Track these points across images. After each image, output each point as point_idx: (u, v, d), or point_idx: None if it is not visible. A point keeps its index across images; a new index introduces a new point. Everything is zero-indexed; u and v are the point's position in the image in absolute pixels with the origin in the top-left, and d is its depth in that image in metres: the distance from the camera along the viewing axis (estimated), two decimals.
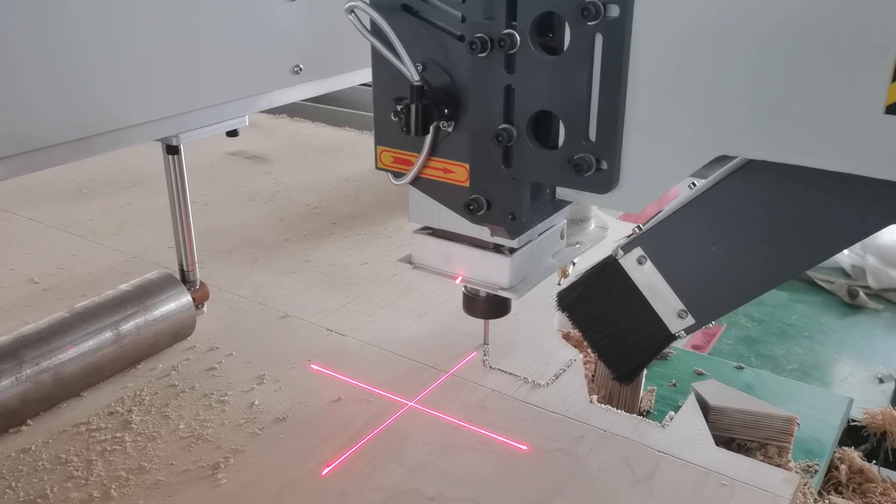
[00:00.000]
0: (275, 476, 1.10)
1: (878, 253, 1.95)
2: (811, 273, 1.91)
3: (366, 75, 1.50)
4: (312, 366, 1.37)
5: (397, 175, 1.03)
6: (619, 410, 1.24)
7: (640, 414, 1.28)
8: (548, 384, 1.30)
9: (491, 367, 1.35)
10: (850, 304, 1.84)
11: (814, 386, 1.45)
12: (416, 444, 1.16)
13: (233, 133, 1.34)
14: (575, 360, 1.36)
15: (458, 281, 1.11)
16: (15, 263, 1.75)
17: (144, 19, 1.12)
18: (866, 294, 1.85)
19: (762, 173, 0.86)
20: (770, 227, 0.88)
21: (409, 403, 1.26)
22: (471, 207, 0.96)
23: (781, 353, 2.71)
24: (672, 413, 1.24)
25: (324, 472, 1.11)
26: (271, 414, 1.23)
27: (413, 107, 0.92)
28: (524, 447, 1.16)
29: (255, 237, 1.89)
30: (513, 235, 0.99)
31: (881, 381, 1.94)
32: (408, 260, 1.14)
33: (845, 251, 1.96)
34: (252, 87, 1.32)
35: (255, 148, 2.54)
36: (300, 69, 1.38)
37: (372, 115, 2.97)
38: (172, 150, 1.29)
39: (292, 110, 2.89)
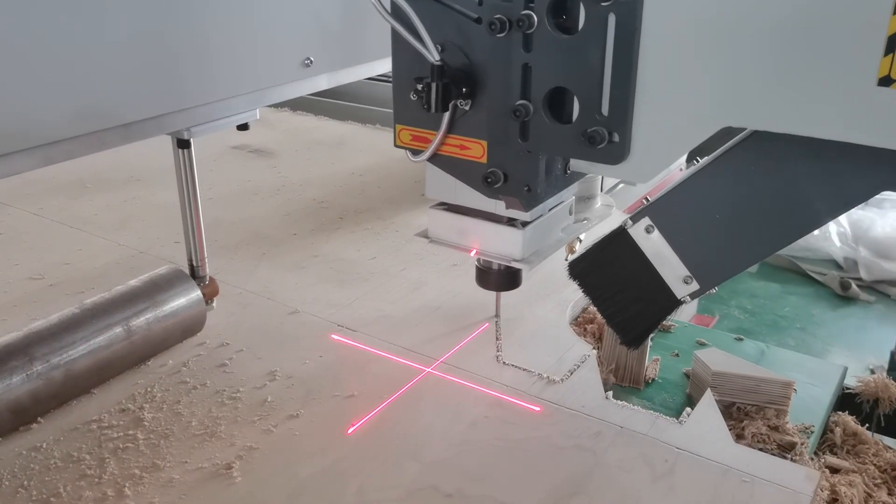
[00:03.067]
0: (290, 474, 1.09)
1: (870, 245, 1.96)
2: (804, 265, 1.93)
3: (378, 67, 1.49)
4: (333, 336, 1.41)
5: (415, 152, 1.07)
6: (636, 406, 1.23)
7: (646, 382, 1.36)
8: (562, 380, 1.29)
9: (504, 362, 1.34)
10: (842, 296, 1.86)
11: (810, 356, 1.50)
12: (434, 440, 1.15)
13: (243, 127, 1.33)
14: (589, 356, 1.35)
15: (472, 254, 1.15)
16: (19, 259, 1.73)
17: (155, 13, 1.10)
18: (858, 286, 1.86)
19: (764, 143, 0.90)
20: (771, 195, 0.93)
21: (427, 370, 1.31)
22: (489, 180, 1.01)
23: (774, 344, 2.70)
24: (689, 409, 1.23)
25: (349, 431, 1.17)
26: (284, 410, 1.22)
27: (434, 85, 0.96)
28: (537, 409, 1.22)
29: (262, 232, 1.87)
30: (528, 207, 1.04)
31: (872, 371, 1.95)
32: (424, 234, 1.18)
33: (837, 243, 1.97)
34: (263, 81, 1.30)
35: (258, 142, 2.52)
36: (311, 62, 1.36)
37: (375, 108, 2.95)
38: (183, 144, 1.27)
39: (295, 104, 2.87)
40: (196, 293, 1.37)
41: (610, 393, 1.26)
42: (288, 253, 1.76)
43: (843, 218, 2.04)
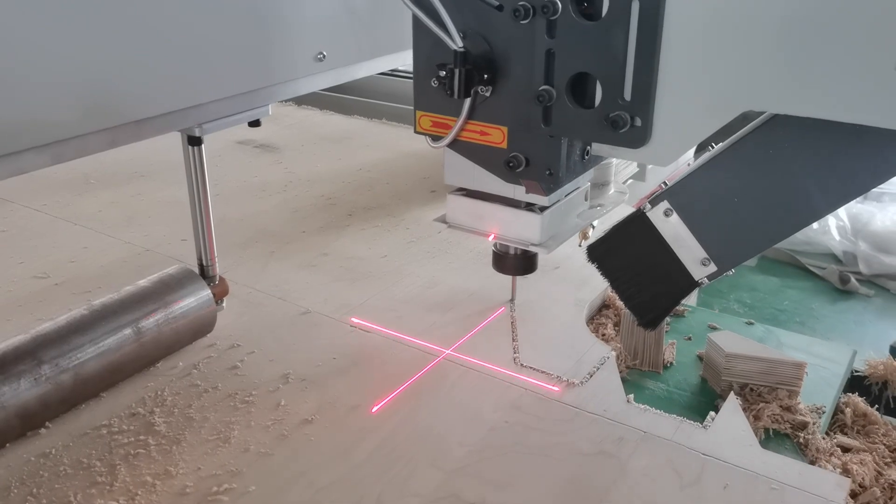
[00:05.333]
0: (307, 482, 1.06)
1: (869, 239, 1.95)
2: (803, 259, 1.92)
3: (392, 62, 1.46)
4: (353, 319, 1.43)
5: (435, 138, 1.08)
6: (659, 410, 1.21)
7: (665, 366, 1.38)
8: (582, 383, 1.26)
9: (522, 364, 1.31)
10: (841, 290, 1.84)
11: (819, 339, 1.52)
12: (453, 446, 1.12)
13: (255, 123, 1.29)
14: (608, 358, 1.32)
15: (490, 238, 1.16)
16: (24, 257, 1.70)
17: (166, 8, 1.06)
18: (858, 280, 1.84)
19: (784, 127, 0.91)
20: (789, 178, 0.94)
21: (447, 351, 1.34)
22: (511, 164, 1.03)
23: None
24: (713, 413, 1.20)
25: (374, 410, 1.20)
26: (299, 415, 1.19)
27: (457, 71, 0.97)
28: (556, 389, 1.25)
29: (270, 229, 1.84)
30: (548, 191, 1.05)
31: None
32: (442, 220, 1.18)
33: (836, 237, 1.96)
34: (275, 76, 1.27)
35: (263, 136, 2.48)
36: (323, 56, 1.33)
37: (381, 103, 2.92)
38: (194, 141, 1.24)
39: (299, 97, 2.83)
40: (206, 293, 1.34)
41: (632, 396, 1.24)
42: (297, 251, 1.73)
43: (842, 211, 2.03)
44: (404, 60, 1.51)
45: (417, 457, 1.10)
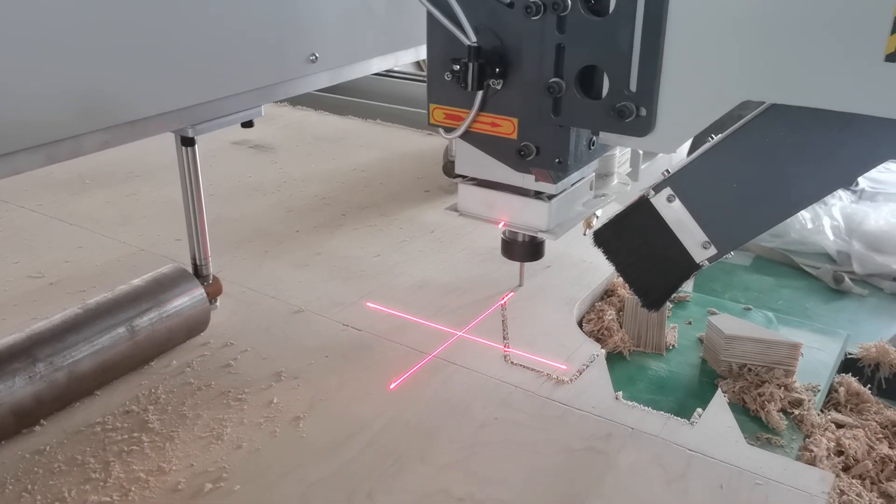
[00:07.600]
0: (298, 478, 1.07)
1: (863, 239, 1.96)
2: (797, 258, 1.93)
3: (384, 63, 1.47)
4: (368, 304, 1.48)
5: (448, 130, 1.13)
6: (646, 407, 1.22)
7: (667, 348, 1.43)
8: (572, 380, 1.28)
9: (513, 363, 1.33)
10: (835, 290, 1.85)
11: (814, 323, 1.58)
12: (444, 442, 1.14)
13: (248, 124, 1.31)
14: (598, 356, 1.34)
15: (500, 225, 1.20)
16: (19, 256, 1.71)
17: (159, 9, 1.08)
18: (851, 279, 1.86)
19: (780, 116, 0.95)
20: (786, 164, 0.98)
21: (457, 334, 1.39)
22: (522, 153, 1.08)
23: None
24: (700, 410, 1.22)
25: (391, 386, 1.25)
26: (291, 412, 1.20)
27: (470, 65, 1.03)
28: (563, 367, 1.30)
29: (265, 229, 1.85)
30: (557, 179, 1.11)
31: None
32: (454, 208, 1.23)
33: (830, 237, 1.97)
34: (268, 77, 1.28)
35: (258, 137, 2.49)
36: (316, 58, 1.34)
37: (376, 103, 2.94)
38: (187, 141, 1.25)
39: (294, 98, 2.84)
40: (200, 292, 1.35)
41: (620, 393, 1.25)
42: (291, 250, 1.74)
43: (836, 211, 2.04)
44: (398, 61, 1.53)
45: (408, 453, 1.12)
